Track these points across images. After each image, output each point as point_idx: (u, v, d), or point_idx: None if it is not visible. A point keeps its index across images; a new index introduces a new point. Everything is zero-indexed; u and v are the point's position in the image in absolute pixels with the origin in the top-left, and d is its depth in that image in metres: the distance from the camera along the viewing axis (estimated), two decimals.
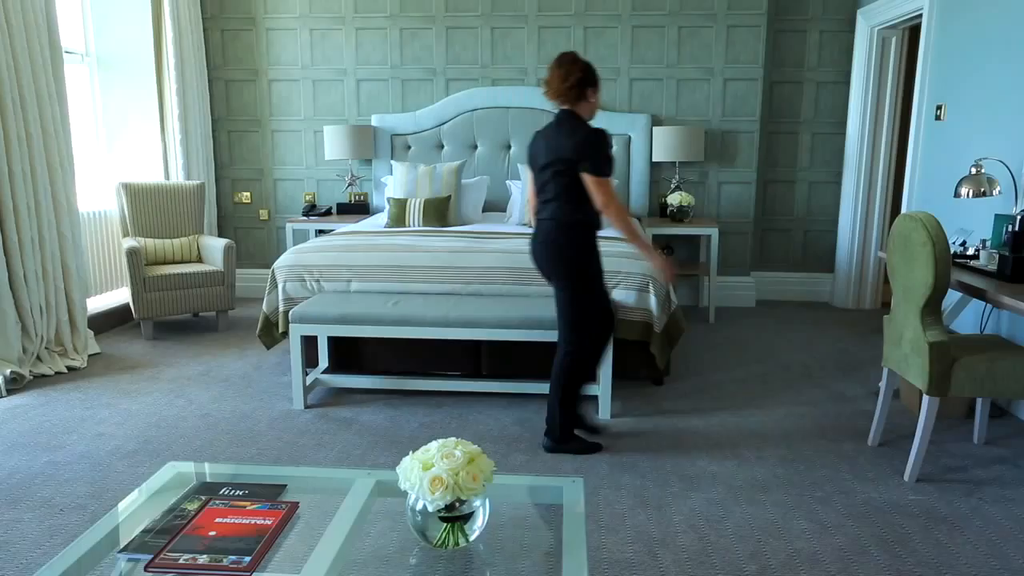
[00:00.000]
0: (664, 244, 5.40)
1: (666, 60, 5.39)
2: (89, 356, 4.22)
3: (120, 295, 5.11)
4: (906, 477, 2.74)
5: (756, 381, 3.89)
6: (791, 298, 5.87)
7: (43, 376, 3.88)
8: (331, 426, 3.27)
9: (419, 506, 1.50)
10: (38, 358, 3.91)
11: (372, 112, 5.63)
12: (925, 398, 2.67)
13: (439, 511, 1.49)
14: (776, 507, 2.54)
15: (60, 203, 4.02)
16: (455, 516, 1.51)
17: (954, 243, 3.33)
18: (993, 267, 3.01)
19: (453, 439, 1.56)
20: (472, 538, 1.54)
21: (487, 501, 1.56)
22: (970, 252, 3.35)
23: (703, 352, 4.41)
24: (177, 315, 4.74)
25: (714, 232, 5.07)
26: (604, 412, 3.37)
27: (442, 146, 5.53)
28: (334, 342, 3.83)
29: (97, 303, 4.87)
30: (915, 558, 2.22)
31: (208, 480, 1.86)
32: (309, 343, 3.88)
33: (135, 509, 1.71)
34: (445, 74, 5.53)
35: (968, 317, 3.82)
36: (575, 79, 2.80)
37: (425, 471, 1.49)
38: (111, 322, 4.87)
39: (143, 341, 4.59)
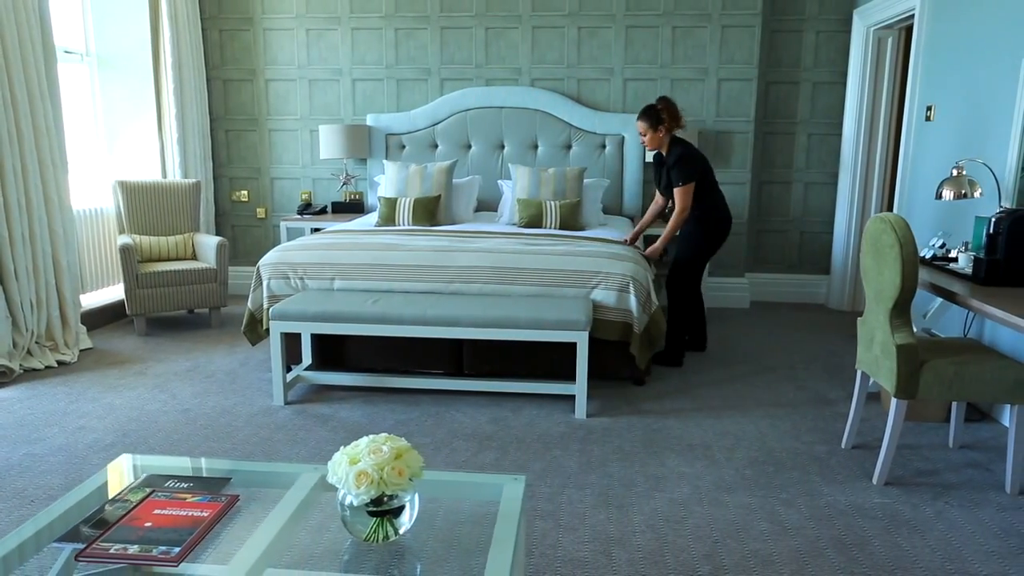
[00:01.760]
0: None
1: (660, 60, 5.38)
2: (81, 351, 4.29)
3: (116, 291, 5.19)
4: (874, 480, 2.73)
5: (739, 382, 3.88)
6: (786, 300, 5.84)
7: (33, 370, 3.94)
8: (308, 422, 3.31)
9: (347, 501, 1.52)
10: (28, 352, 3.98)
11: (367, 111, 5.67)
12: (893, 400, 2.66)
13: (365, 505, 1.50)
14: (739, 508, 2.54)
15: (52, 200, 4.09)
16: (383, 510, 1.53)
17: (933, 246, 3.30)
18: (971, 270, 2.98)
19: (384, 435, 1.58)
20: (401, 532, 1.55)
21: (416, 496, 1.57)
22: (952, 255, 3.32)
23: (689, 353, 4.40)
24: (171, 311, 4.80)
25: None
26: (580, 412, 3.38)
27: (436, 146, 5.55)
28: (318, 339, 3.86)
29: (93, 299, 4.95)
30: (871, 561, 2.21)
31: (159, 473, 1.89)
32: (293, 340, 3.92)
33: (80, 500, 1.74)
34: (439, 74, 5.55)
35: (954, 320, 3.79)
36: None
37: (352, 466, 1.51)
38: (106, 318, 4.94)
39: (136, 337, 4.65)
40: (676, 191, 4.03)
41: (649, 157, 5.28)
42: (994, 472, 2.82)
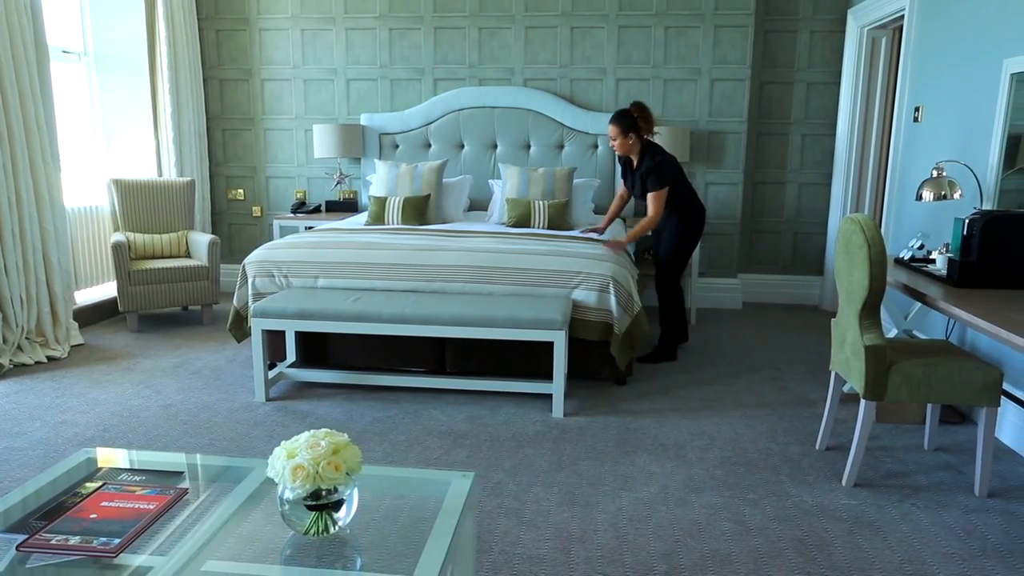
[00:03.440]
0: (648, 247, 5.38)
1: (652, 60, 5.37)
2: (72, 347, 4.34)
3: (110, 288, 5.24)
4: (843, 481, 2.72)
5: (720, 383, 3.87)
6: (780, 301, 5.82)
7: (23, 365, 4.00)
8: (287, 419, 3.34)
9: (286, 495, 1.54)
10: (19, 348, 4.03)
11: (361, 111, 5.71)
12: (862, 402, 2.65)
13: (302, 499, 1.52)
14: (704, 508, 2.54)
15: (43, 198, 4.14)
16: (321, 504, 1.55)
17: (911, 247, 3.29)
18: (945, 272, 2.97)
19: (324, 429, 1.60)
20: (339, 526, 1.57)
21: (355, 491, 1.59)
22: (932, 256, 3.30)
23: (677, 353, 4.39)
24: (163, 308, 4.85)
25: None
26: (557, 411, 3.38)
27: (429, 145, 5.58)
28: (303, 336, 3.89)
29: (88, 295, 5.01)
30: (829, 562, 2.21)
31: (118, 466, 1.92)
32: (277, 337, 3.95)
33: (33, 492, 1.77)
34: (433, 74, 5.58)
35: (937, 322, 3.77)
36: None
37: (290, 460, 1.53)
38: (100, 314, 5.00)
39: (127, 333, 4.70)
40: (650, 196, 4.02)
41: None
42: (966, 474, 2.81)
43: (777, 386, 3.83)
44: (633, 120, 3.99)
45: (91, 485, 1.77)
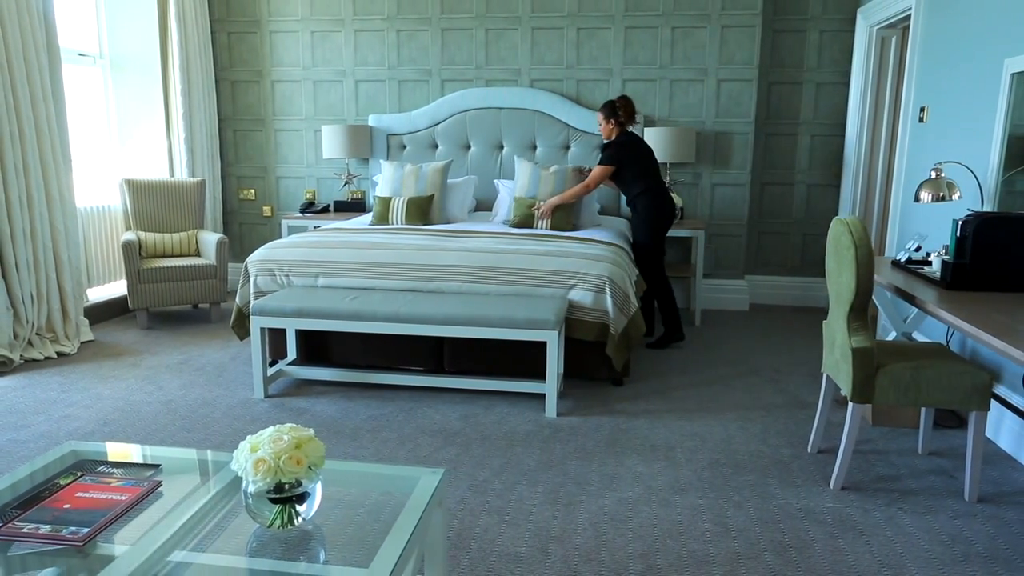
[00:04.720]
0: None
1: (659, 61, 5.36)
2: (82, 343, 4.44)
3: (122, 286, 5.35)
4: (831, 485, 2.70)
5: (719, 384, 3.86)
6: (788, 303, 5.77)
7: (33, 360, 4.10)
8: (283, 415, 3.39)
9: (249, 488, 1.57)
10: (29, 343, 4.13)
11: (370, 112, 5.76)
12: (850, 404, 2.63)
13: (264, 492, 1.55)
14: (686, 509, 2.54)
15: (53, 197, 4.24)
16: (284, 497, 1.58)
17: (908, 249, 3.25)
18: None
19: (289, 424, 1.63)
20: (301, 520, 1.60)
21: (318, 485, 1.62)
22: (930, 258, 3.26)
23: (677, 354, 4.39)
24: (172, 306, 4.93)
25: (700, 234, 5.03)
26: (550, 411, 3.40)
27: (436, 146, 5.61)
28: (303, 335, 3.94)
29: (100, 293, 5.12)
30: (807, 564, 2.20)
31: (99, 458, 1.97)
32: (279, 335, 4.00)
33: (14, 482, 1.82)
34: (440, 75, 5.61)
35: (938, 325, 3.72)
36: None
37: (253, 453, 1.56)
38: (112, 312, 5.10)
39: (137, 330, 4.80)
40: (595, 168, 4.39)
41: None
42: (957, 479, 2.77)
43: (776, 388, 3.81)
44: (615, 108, 4.38)
45: (70, 476, 1.82)
